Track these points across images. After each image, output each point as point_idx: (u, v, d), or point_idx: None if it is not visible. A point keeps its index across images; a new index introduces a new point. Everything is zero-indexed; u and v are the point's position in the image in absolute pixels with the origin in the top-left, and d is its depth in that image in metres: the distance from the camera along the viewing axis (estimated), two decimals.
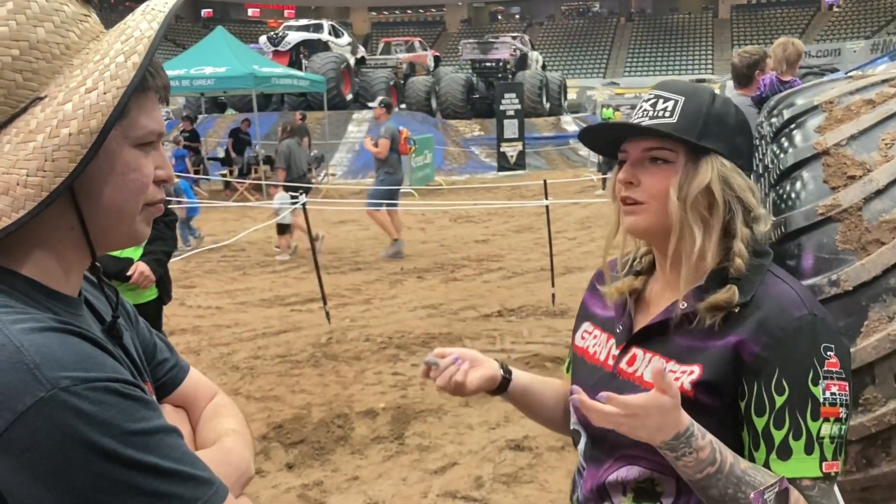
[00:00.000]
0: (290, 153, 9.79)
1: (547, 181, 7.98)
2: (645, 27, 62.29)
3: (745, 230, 1.21)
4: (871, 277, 1.31)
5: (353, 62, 24.59)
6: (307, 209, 7.03)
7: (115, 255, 3.33)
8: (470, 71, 28.20)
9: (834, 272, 1.33)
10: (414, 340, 6.02)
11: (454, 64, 39.05)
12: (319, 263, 6.87)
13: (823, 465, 1.12)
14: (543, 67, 31.41)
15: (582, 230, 11.71)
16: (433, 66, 29.08)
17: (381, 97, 10.69)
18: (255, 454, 1.07)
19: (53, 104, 0.82)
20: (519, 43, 29.62)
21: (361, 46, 29.28)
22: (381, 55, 29.28)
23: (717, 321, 1.18)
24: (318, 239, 9.71)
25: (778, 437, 1.13)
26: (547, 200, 7.41)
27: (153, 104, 0.90)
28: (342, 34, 25.97)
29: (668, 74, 50.79)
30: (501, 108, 20.97)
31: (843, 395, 1.14)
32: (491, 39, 31.08)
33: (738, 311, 1.17)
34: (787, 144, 1.47)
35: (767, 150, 1.52)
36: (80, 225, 0.87)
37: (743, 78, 4.97)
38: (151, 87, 0.89)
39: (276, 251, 9.84)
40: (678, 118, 1.21)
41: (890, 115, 1.40)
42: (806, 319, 1.15)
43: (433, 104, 25.34)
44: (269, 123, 20.25)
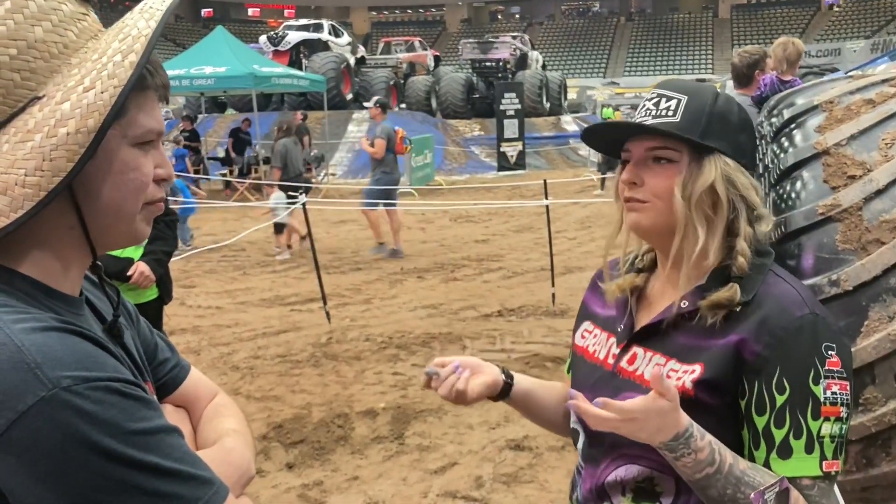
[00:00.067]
0: (286, 152, 9.77)
1: (547, 181, 7.99)
2: (645, 27, 62.26)
3: (748, 229, 1.21)
4: (871, 277, 1.31)
5: (353, 62, 24.59)
6: (307, 209, 7.02)
7: (115, 254, 3.32)
8: (470, 71, 28.19)
9: (834, 272, 1.33)
10: (414, 340, 6.02)
11: (454, 64, 39.03)
12: (319, 263, 6.87)
13: (824, 464, 1.12)
14: (543, 67, 31.39)
15: (582, 230, 11.71)
16: (433, 65, 29.08)
17: (376, 97, 10.69)
18: (255, 454, 1.07)
19: (51, 103, 0.81)
20: (519, 43, 29.60)
21: (361, 46, 29.26)
22: (381, 55, 29.27)
23: (718, 320, 1.17)
24: (306, 238, 9.73)
25: (778, 436, 1.13)
26: (547, 200, 7.41)
27: (152, 103, 0.90)
28: (342, 34, 25.96)
29: (668, 74, 50.77)
30: (501, 107, 20.97)
31: (843, 394, 1.14)
32: (491, 39, 31.06)
33: (739, 309, 1.17)
34: (787, 144, 1.47)
35: (767, 149, 1.52)
36: (79, 224, 0.87)
37: (743, 78, 4.97)
38: (150, 85, 0.89)
39: (276, 251, 9.84)
40: (681, 117, 1.20)
41: (890, 114, 1.39)
42: (807, 319, 1.15)
43: (433, 104, 25.33)
44: (269, 123, 20.19)
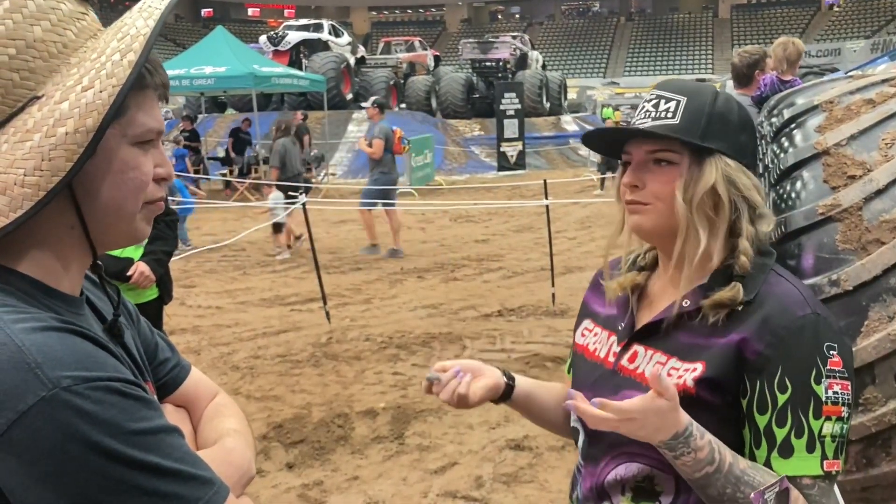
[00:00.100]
0: (285, 152, 9.80)
1: (547, 181, 7.99)
2: (645, 27, 62.25)
3: (750, 228, 1.21)
4: (871, 277, 1.30)
5: (353, 62, 24.59)
6: (307, 209, 7.02)
7: (115, 254, 3.32)
8: (470, 70, 28.18)
9: (834, 272, 1.33)
10: (414, 340, 6.02)
11: (454, 63, 39.02)
12: (319, 263, 6.87)
13: (825, 463, 1.12)
14: (543, 67, 31.38)
15: (582, 230, 11.71)
16: (433, 65, 29.07)
17: (373, 97, 10.71)
18: (255, 454, 1.07)
19: (50, 103, 0.81)
20: (519, 42, 29.60)
21: (361, 46, 29.27)
22: (381, 55, 29.27)
23: (720, 318, 1.18)
24: (300, 238, 9.78)
25: (780, 435, 1.13)
26: (547, 200, 7.41)
27: (152, 102, 0.90)
28: (342, 34, 25.96)
29: (668, 74, 50.77)
30: (501, 107, 20.97)
31: (845, 394, 1.14)
32: (491, 39, 31.06)
33: (741, 308, 1.17)
34: (787, 144, 1.46)
35: (767, 149, 1.52)
36: (80, 224, 0.86)
37: (743, 78, 4.97)
38: (150, 84, 0.88)
39: (277, 251, 9.85)
40: (680, 119, 1.20)
41: (890, 114, 1.39)
42: (809, 318, 1.15)
43: (433, 104, 25.33)
44: (269, 123, 20.16)
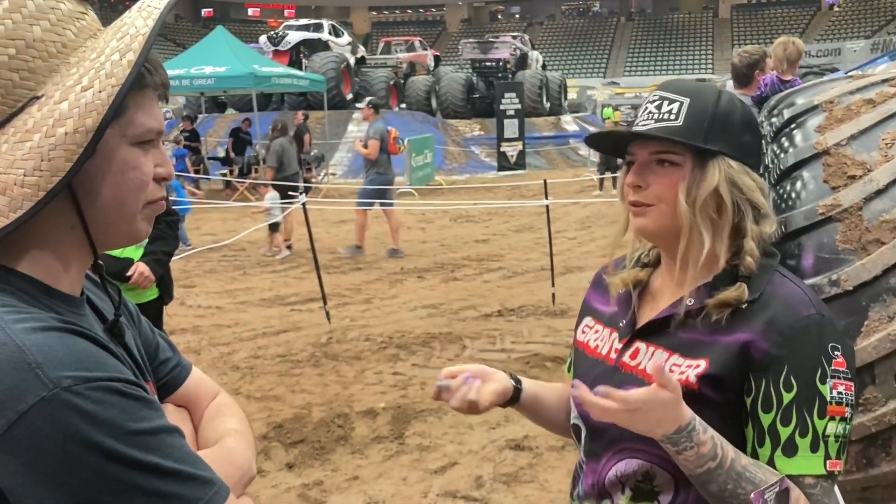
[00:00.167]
0: (282, 152, 9.84)
1: (547, 181, 7.99)
2: (645, 27, 62.25)
3: (755, 228, 1.21)
4: (871, 277, 1.30)
5: (353, 62, 24.60)
6: (307, 208, 7.02)
7: (114, 254, 3.31)
8: (470, 70, 28.19)
9: (834, 272, 1.33)
10: (414, 340, 6.02)
11: (454, 63, 39.02)
12: (319, 263, 6.87)
13: (828, 463, 1.12)
14: (543, 67, 31.39)
15: (582, 230, 11.71)
16: (433, 65, 29.08)
17: (368, 98, 10.73)
18: (256, 454, 1.07)
19: (50, 103, 0.81)
20: (519, 42, 29.60)
21: (361, 46, 29.28)
22: (381, 55, 29.27)
23: (723, 317, 1.18)
24: (290, 246, 9.84)
25: (784, 433, 1.13)
26: (547, 200, 7.41)
27: (152, 102, 0.89)
28: (342, 34, 25.97)
29: (668, 74, 50.76)
30: (501, 107, 20.97)
31: (848, 394, 1.14)
32: (491, 39, 31.07)
33: (745, 307, 1.18)
34: (787, 144, 1.46)
35: (768, 149, 1.52)
36: (80, 224, 0.86)
37: (743, 78, 4.97)
38: (149, 84, 0.88)
39: (274, 251, 9.86)
40: (683, 121, 1.20)
41: (890, 114, 1.39)
42: (814, 318, 1.16)
43: (433, 104, 25.34)
44: (269, 123, 20.17)
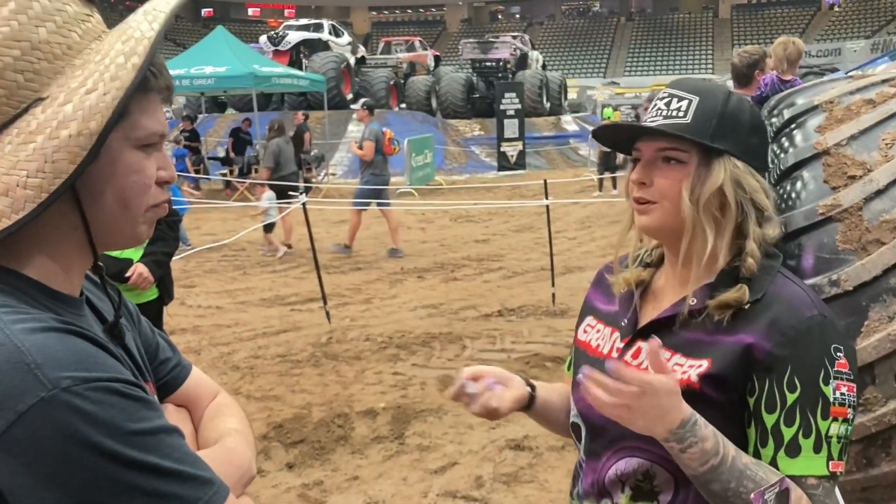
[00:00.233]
0: (279, 152, 9.87)
1: (547, 181, 7.99)
2: (645, 27, 62.25)
3: (757, 230, 1.22)
4: (871, 277, 1.30)
5: (353, 62, 24.60)
6: (307, 208, 7.02)
7: (114, 255, 3.30)
8: (470, 70, 28.19)
9: (834, 272, 1.33)
10: (414, 340, 6.02)
11: (454, 63, 39.03)
12: (319, 263, 6.87)
13: (830, 464, 1.13)
14: (544, 67, 31.39)
15: (582, 230, 11.71)
16: (433, 65, 29.08)
17: (363, 99, 10.74)
18: (256, 454, 1.07)
19: (54, 105, 0.81)
20: (519, 42, 29.61)
21: (362, 46, 29.30)
22: (381, 55, 29.28)
23: (725, 318, 1.18)
24: (290, 246, 9.87)
25: (787, 434, 1.13)
26: (547, 200, 7.41)
27: (155, 105, 0.89)
28: (342, 34, 25.97)
29: (668, 74, 50.76)
30: (502, 107, 20.97)
31: (851, 395, 1.15)
32: (491, 39, 31.07)
33: (748, 307, 1.18)
34: (787, 144, 1.46)
35: (768, 150, 1.52)
36: (82, 225, 0.86)
37: (743, 78, 4.98)
38: (153, 87, 0.88)
39: (268, 250, 9.88)
40: (692, 118, 1.21)
41: (890, 114, 1.39)
42: (816, 319, 1.16)
43: (433, 104, 25.34)
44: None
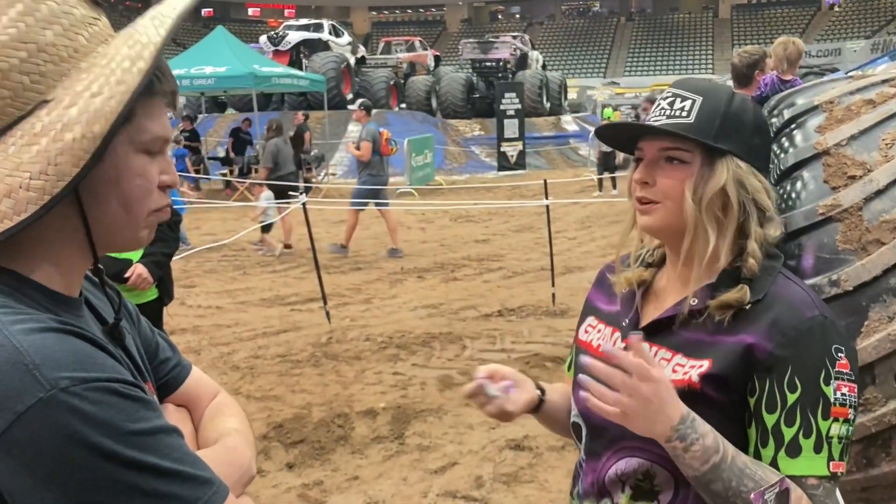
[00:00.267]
0: (277, 152, 9.90)
1: (547, 181, 7.99)
2: (645, 27, 62.26)
3: (759, 230, 1.22)
4: (871, 277, 1.30)
5: (353, 62, 24.61)
6: (307, 208, 7.02)
7: (113, 255, 3.31)
8: (470, 70, 28.20)
9: (834, 272, 1.33)
10: (414, 340, 6.02)
11: (454, 63, 39.03)
12: (319, 263, 6.87)
13: (831, 464, 1.12)
14: (544, 67, 31.40)
15: (582, 230, 11.71)
16: (433, 65, 29.09)
17: (360, 100, 10.75)
18: (256, 453, 1.07)
19: (59, 108, 0.81)
20: (519, 42, 29.61)
21: (362, 46, 29.30)
22: (381, 55, 29.28)
23: (726, 318, 1.18)
24: (289, 246, 9.88)
25: (788, 434, 1.13)
26: (547, 200, 7.41)
27: (160, 109, 0.90)
28: (342, 34, 25.97)
29: (668, 74, 50.79)
30: (502, 107, 20.98)
31: (852, 396, 1.15)
32: (491, 39, 31.08)
33: (749, 308, 1.18)
34: (787, 144, 1.46)
35: (770, 149, 1.52)
36: (83, 228, 0.86)
37: (742, 78, 4.98)
38: (158, 91, 0.88)
39: (264, 250, 9.88)
40: (695, 118, 1.21)
41: (890, 115, 1.39)
42: (817, 320, 1.16)
43: (433, 104, 25.35)
44: None
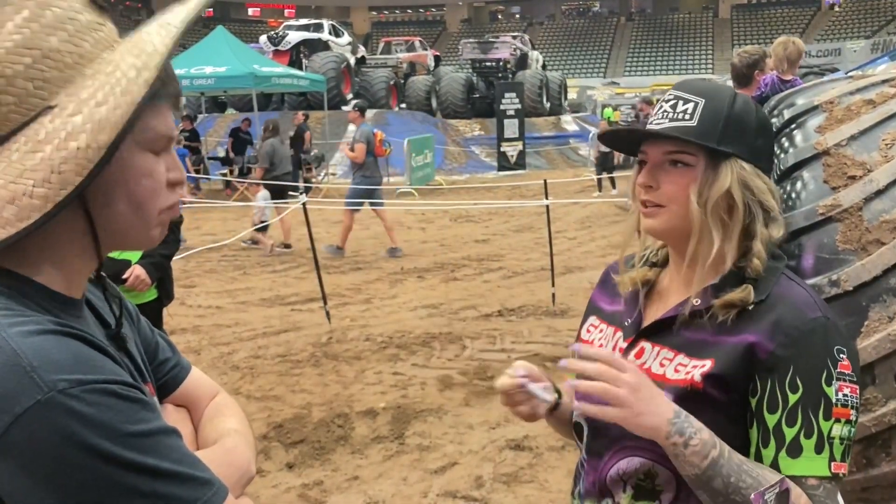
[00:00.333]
0: (273, 152, 9.93)
1: (547, 181, 8.00)
2: (645, 27, 62.25)
3: (764, 231, 1.21)
4: (871, 277, 1.30)
5: (353, 62, 24.61)
6: (307, 208, 7.02)
7: (112, 256, 3.31)
8: (470, 70, 28.20)
9: (834, 272, 1.33)
10: (414, 340, 6.02)
11: (454, 63, 39.03)
12: (319, 263, 6.87)
13: (832, 465, 1.12)
14: (544, 67, 31.39)
15: (582, 230, 11.71)
16: (433, 65, 29.10)
17: (354, 101, 10.78)
18: (256, 454, 1.07)
19: (63, 115, 0.80)
20: (519, 42, 29.62)
21: (362, 46, 29.30)
22: (381, 55, 29.28)
23: (729, 318, 1.18)
24: (288, 246, 9.90)
25: (789, 434, 1.13)
26: (547, 200, 7.41)
27: (165, 112, 0.90)
28: (342, 34, 25.97)
29: (668, 74, 50.79)
30: (502, 107, 20.98)
31: (853, 397, 1.15)
32: (491, 39, 31.09)
33: (752, 308, 1.18)
34: (787, 144, 1.46)
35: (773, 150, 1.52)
36: (90, 231, 0.86)
37: (742, 78, 4.97)
38: (162, 95, 0.88)
39: (272, 250, 9.88)
40: (698, 121, 1.20)
41: (890, 115, 1.39)
42: (820, 321, 1.16)
43: (433, 104, 25.35)
44: None
